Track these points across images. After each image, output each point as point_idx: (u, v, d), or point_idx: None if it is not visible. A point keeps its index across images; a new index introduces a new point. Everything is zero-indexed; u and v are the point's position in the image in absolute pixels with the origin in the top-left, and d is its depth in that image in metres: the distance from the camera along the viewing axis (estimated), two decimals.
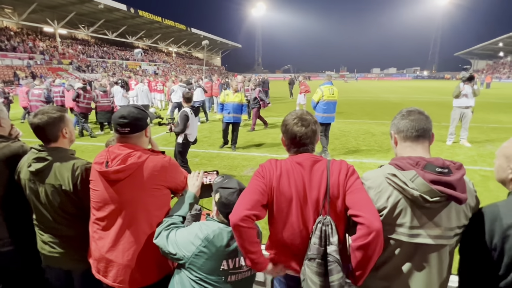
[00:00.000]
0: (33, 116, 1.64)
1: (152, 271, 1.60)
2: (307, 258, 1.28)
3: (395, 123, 1.37)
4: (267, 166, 1.42)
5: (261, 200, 1.34)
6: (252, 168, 5.98)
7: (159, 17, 44.68)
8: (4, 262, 2.00)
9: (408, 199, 1.21)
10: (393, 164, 1.29)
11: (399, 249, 1.26)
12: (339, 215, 1.34)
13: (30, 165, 1.64)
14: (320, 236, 1.26)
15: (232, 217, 1.29)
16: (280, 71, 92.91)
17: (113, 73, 36.30)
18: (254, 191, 1.35)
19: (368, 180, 1.34)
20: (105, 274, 1.58)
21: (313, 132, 1.43)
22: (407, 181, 1.19)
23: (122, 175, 1.49)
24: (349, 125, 10.32)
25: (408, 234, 1.23)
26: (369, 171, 1.41)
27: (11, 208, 1.86)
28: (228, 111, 7.22)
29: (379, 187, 1.28)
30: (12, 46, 32.86)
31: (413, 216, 1.21)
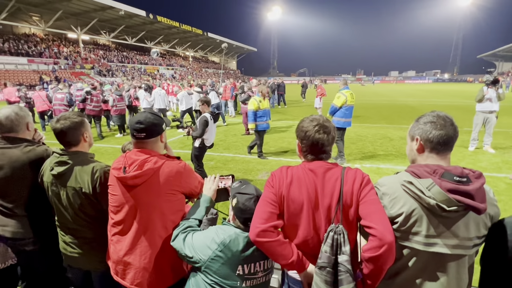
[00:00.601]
0: (56, 122, 1.72)
1: (168, 275, 1.63)
2: (318, 266, 1.27)
3: (424, 129, 1.27)
4: (277, 175, 1.42)
5: (274, 210, 1.34)
6: (266, 172, 5.97)
7: (176, 22, 45.69)
8: (28, 261, 2.10)
9: (424, 207, 1.19)
10: (410, 171, 1.26)
11: (415, 258, 1.23)
12: (351, 224, 1.32)
13: (52, 168, 1.71)
14: (331, 245, 1.25)
15: (250, 235, 1.32)
16: (295, 75, 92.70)
17: (132, 77, 37.29)
18: (266, 203, 1.36)
19: (384, 186, 1.31)
20: (123, 276, 1.62)
21: (333, 139, 1.43)
22: (424, 189, 1.16)
23: (139, 180, 1.53)
24: (365, 129, 10.14)
25: (423, 243, 1.20)
26: (384, 177, 1.38)
27: (35, 209, 1.94)
28: (265, 118, 6.82)
29: (394, 194, 1.26)
30: (39, 51, 34.48)
31: (429, 225, 1.19)
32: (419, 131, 1.30)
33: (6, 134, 1.90)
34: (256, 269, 1.44)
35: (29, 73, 30.50)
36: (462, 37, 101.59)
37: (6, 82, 12.17)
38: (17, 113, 1.90)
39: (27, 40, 35.52)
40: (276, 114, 14.50)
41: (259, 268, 1.44)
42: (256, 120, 6.69)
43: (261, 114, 6.72)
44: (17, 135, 1.91)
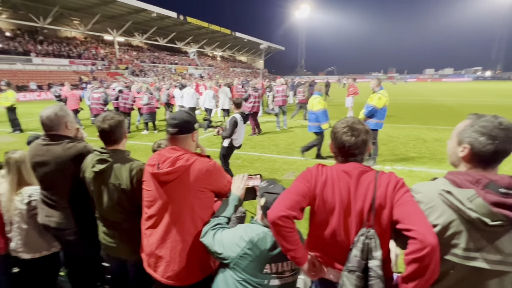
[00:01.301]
0: (102, 121, 1.83)
1: (196, 270, 1.68)
2: (347, 269, 1.24)
3: (478, 141, 1.13)
4: (314, 171, 1.40)
5: (302, 202, 1.32)
6: (293, 172, 5.94)
7: (205, 23, 46.66)
8: (69, 249, 2.26)
9: (464, 219, 1.10)
10: (449, 179, 1.17)
11: (452, 271, 1.15)
12: (384, 229, 1.27)
13: (93, 165, 1.83)
14: (362, 249, 1.22)
15: (270, 213, 1.30)
16: (323, 73, 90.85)
17: (163, 77, 38.66)
18: (297, 192, 1.34)
19: (419, 194, 1.24)
20: (155, 269, 1.69)
21: (363, 142, 1.37)
22: (465, 200, 1.08)
23: (171, 176, 1.59)
24: (397, 130, 9.72)
25: (462, 256, 1.12)
26: (419, 184, 1.30)
27: (76, 202, 2.08)
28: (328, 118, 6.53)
29: (431, 203, 1.18)
30: (78, 53, 36.81)
31: (469, 239, 1.10)
32: (471, 139, 1.15)
33: (49, 132, 2.05)
34: (284, 269, 1.45)
35: (70, 74, 32.68)
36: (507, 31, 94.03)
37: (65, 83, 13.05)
38: (57, 113, 2.03)
39: (68, 43, 38.05)
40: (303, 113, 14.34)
41: (286, 267, 1.45)
42: (325, 120, 6.44)
43: (326, 114, 6.53)
44: (58, 132, 2.05)
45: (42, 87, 27.76)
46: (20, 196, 2.14)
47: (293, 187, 1.38)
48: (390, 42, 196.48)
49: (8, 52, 29.75)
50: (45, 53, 33.20)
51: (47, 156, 1.98)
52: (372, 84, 6.27)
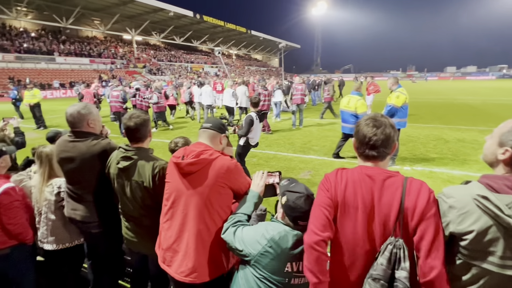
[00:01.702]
0: (128, 119, 1.88)
1: (209, 268, 1.66)
2: (371, 277, 1.20)
3: None
4: (332, 178, 1.35)
5: (330, 217, 1.30)
6: (309, 171, 5.89)
7: (221, 21, 46.93)
8: (93, 241, 2.34)
9: (501, 226, 1.04)
10: (485, 183, 1.11)
11: (485, 279, 1.10)
12: (410, 239, 1.21)
13: (118, 162, 1.88)
14: (389, 258, 1.17)
15: (307, 239, 1.28)
16: (339, 71, 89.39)
17: (179, 75, 39.21)
18: (322, 209, 1.30)
19: (451, 198, 1.17)
20: (170, 264, 1.69)
21: (386, 136, 1.28)
22: (503, 207, 1.02)
23: (194, 168, 1.62)
24: (417, 130, 9.44)
25: (498, 264, 1.06)
26: (451, 187, 1.23)
27: (101, 196, 2.15)
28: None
29: (465, 208, 1.12)
30: (98, 52, 37.88)
31: (507, 246, 1.05)
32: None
33: (73, 129, 2.12)
34: None
35: (90, 72, 33.71)
36: None
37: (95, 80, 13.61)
38: (79, 111, 2.09)
39: (89, 42, 39.24)
40: (319, 112, 14.20)
41: None
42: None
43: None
44: (81, 129, 2.12)
45: (65, 85, 28.77)
46: (50, 187, 2.24)
47: (317, 199, 1.36)
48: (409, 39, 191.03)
49: (33, 51, 31.00)
50: (67, 52, 34.38)
51: (73, 152, 2.05)
52: (389, 83, 6.16)
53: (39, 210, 2.26)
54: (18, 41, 31.13)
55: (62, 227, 2.25)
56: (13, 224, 2.05)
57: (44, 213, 2.24)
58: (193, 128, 10.88)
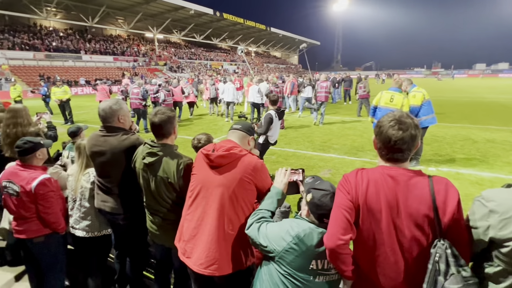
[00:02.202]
0: (154, 115, 1.93)
1: (228, 262, 1.67)
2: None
3: None
4: (352, 179, 1.31)
5: (351, 219, 1.28)
6: (329, 169, 5.81)
7: (241, 19, 47.02)
8: (121, 232, 2.42)
9: None
10: None
11: None
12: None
13: (144, 157, 1.93)
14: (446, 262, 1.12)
15: (328, 242, 1.29)
16: (360, 69, 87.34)
17: (199, 73, 39.73)
18: (342, 211, 1.28)
19: (492, 202, 1.12)
20: (189, 255, 1.72)
21: (412, 137, 1.24)
22: None
23: (223, 160, 1.67)
24: (443, 129, 9.07)
25: None
26: (492, 190, 1.18)
27: (128, 190, 2.22)
28: None
29: (508, 213, 1.06)
30: (122, 50, 39.03)
31: None
32: None
33: (105, 124, 2.20)
34: (330, 266, 1.42)
35: (114, 70, 34.83)
36: None
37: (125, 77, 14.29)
38: (111, 107, 2.17)
39: (113, 41, 40.49)
40: (340, 110, 13.97)
41: (332, 265, 1.43)
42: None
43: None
44: (112, 124, 2.20)
45: (90, 82, 29.88)
46: (86, 175, 2.36)
47: (337, 201, 1.33)
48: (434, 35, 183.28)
49: (61, 50, 32.39)
50: (93, 50, 35.65)
51: (104, 146, 2.13)
52: (403, 86, 5.94)
53: (73, 198, 2.38)
54: (47, 40, 32.61)
55: (93, 215, 2.35)
56: (48, 213, 2.17)
57: (78, 200, 2.35)
58: (213, 124, 11.01)
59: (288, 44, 71.22)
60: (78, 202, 2.36)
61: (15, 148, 2.18)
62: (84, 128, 3.31)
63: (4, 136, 2.80)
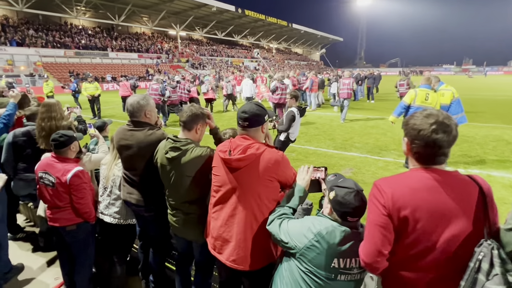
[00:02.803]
0: (182, 111, 1.98)
1: (260, 256, 1.72)
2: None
3: None
4: (387, 189, 1.22)
5: (389, 234, 1.22)
6: (350, 168, 5.71)
7: (263, 15, 46.86)
8: (145, 224, 2.51)
9: None
10: None
11: None
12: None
13: (167, 152, 1.97)
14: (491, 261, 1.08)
15: (365, 258, 1.27)
16: (385, 66, 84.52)
17: (220, 69, 40.09)
18: (379, 229, 1.23)
19: None
20: (220, 251, 1.77)
21: (454, 139, 1.21)
22: None
23: (242, 163, 1.65)
24: (473, 129, 8.63)
25: None
26: None
27: (153, 183, 2.27)
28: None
29: None
30: (146, 48, 40.08)
31: None
32: None
33: (132, 118, 2.27)
34: (352, 265, 1.41)
35: (138, 67, 35.87)
36: None
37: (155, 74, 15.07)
38: (139, 102, 2.23)
39: (138, 38, 41.66)
40: (363, 108, 13.63)
41: (354, 264, 1.41)
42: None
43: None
44: (139, 119, 2.26)
45: (116, 79, 30.97)
46: (119, 164, 2.46)
47: (372, 217, 1.25)
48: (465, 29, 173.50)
49: (90, 47, 33.77)
50: (119, 48, 36.89)
51: (131, 140, 2.20)
52: (432, 83, 5.62)
53: (104, 185, 2.49)
54: (77, 38, 34.09)
55: (122, 203, 2.45)
56: (81, 203, 2.29)
57: (110, 187, 2.46)
58: (233, 120, 11.09)
59: (310, 40, 70.20)
60: (108, 189, 2.46)
61: (51, 141, 2.30)
62: (109, 123, 3.44)
63: (39, 129, 2.96)
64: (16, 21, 31.56)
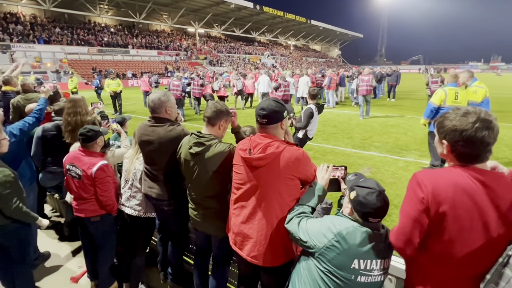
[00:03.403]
0: (206, 108, 2.02)
1: (280, 253, 1.73)
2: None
3: None
4: (428, 183, 1.20)
5: (422, 228, 1.23)
6: (369, 168, 5.59)
7: (281, 12, 46.49)
8: (164, 217, 2.57)
9: None
10: None
11: None
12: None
13: (190, 147, 2.01)
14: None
15: (396, 243, 1.30)
16: (406, 63, 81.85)
17: (237, 66, 40.18)
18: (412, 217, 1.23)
19: None
20: (241, 247, 1.80)
21: (498, 132, 1.18)
22: None
23: (262, 162, 1.65)
24: (502, 129, 7.74)
25: None
26: None
27: (173, 178, 2.33)
28: None
29: None
30: (165, 45, 40.76)
31: None
32: None
33: (153, 114, 2.32)
34: (372, 267, 1.38)
35: (157, 64, 36.57)
36: None
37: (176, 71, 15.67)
38: (160, 98, 2.28)
39: (157, 36, 42.42)
40: (382, 106, 13.29)
41: (375, 266, 1.38)
42: None
43: None
44: (160, 115, 2.31)
45: (136, 75, 31.73)
46: (140, 159, 2.52)
47: (408, 208, 1.26)
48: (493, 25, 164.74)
49: (112, 45, 34.75)
50: (139, 45, 37.75)
51: (153, 136, 2.26)
52: (462, 78, 5.34)
53: (126, 178, 2.57)
54: (100, 35, 35.15)
55: (142, 196, 2.52)
56: (105, 196, 2.38)
57: (131, 180, 2.53)
58: (250, 118, 11.10)
59: (329, 37, 69.05)
60: (130, 182, 2.53)
61: (79, 135, 2.40)
62: (128, 119, 3.54)
63: (65, 123, 3.08)
64: (44, 20, 32.90)
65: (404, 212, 1.28)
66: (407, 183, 1.31)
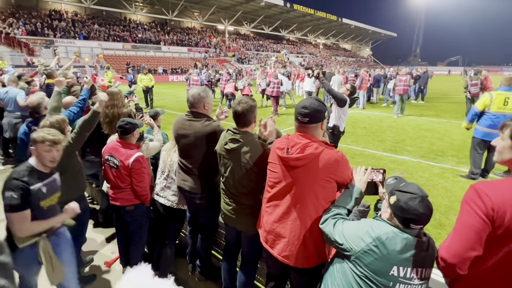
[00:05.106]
0: (237, 104, 2.02)
1: (312, 255, 1.69)
2: None
3: None
4: (491, 194, 1.16)
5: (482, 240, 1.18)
6: (401, 172, 5.36)
7: (311, 10, 45.74)
8: (196, 211, 2.62)
9: None
10: None
11: None
12: None
13: (226, 143, 2.02)
14: None
15: (449, 258, 1.25)
16: (443, 64, 77.39)
17: (264, 64, 40.15)
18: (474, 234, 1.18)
19: None
20: (273, 245, 1.78)
21: None
22: None
23: (300, 162, 1.62)
24: None
25: None
26: None
27: (206, 172, 2.37)
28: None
29: None
30: (196, 42, 41.63)
31: None
32: None
33: (192, 109, 2.37)
34: (412, 275, 1.31)
35: (187, 60, 37.43)
36: None
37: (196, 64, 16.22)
38: (199, 94, 2.33)
39: (188, 33, 43.40)
40: (416, 109, 12.70)
41: (415, 274, 1.31)
42: None
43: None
44: (198, 110, 2.36)
45: (167, 71, 32.66)
46: (177, 151, 2.56)
47: (466, 219, 1.21)
48: None
49: (145, 41, 36.05)
50: (170, 42, 38.82)
51: (189, 130, 2.30)
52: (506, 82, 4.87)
53: (162, 170, 2.64)
54: (134, 32, 36.58)
55: (177, 188, 2.58)
56: (140, 186, 2.47)
57: (167, 171, 2.61)
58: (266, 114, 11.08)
59: (360, 36, 66.98)
60: (166, 173, 2.61)
61: (118, 128, 2.50)
62: (161, 113, 3.63)
63: (103, 115, 3.23)
64: (84, 17, 34.79)
65: (462, 223, 1.21)
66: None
